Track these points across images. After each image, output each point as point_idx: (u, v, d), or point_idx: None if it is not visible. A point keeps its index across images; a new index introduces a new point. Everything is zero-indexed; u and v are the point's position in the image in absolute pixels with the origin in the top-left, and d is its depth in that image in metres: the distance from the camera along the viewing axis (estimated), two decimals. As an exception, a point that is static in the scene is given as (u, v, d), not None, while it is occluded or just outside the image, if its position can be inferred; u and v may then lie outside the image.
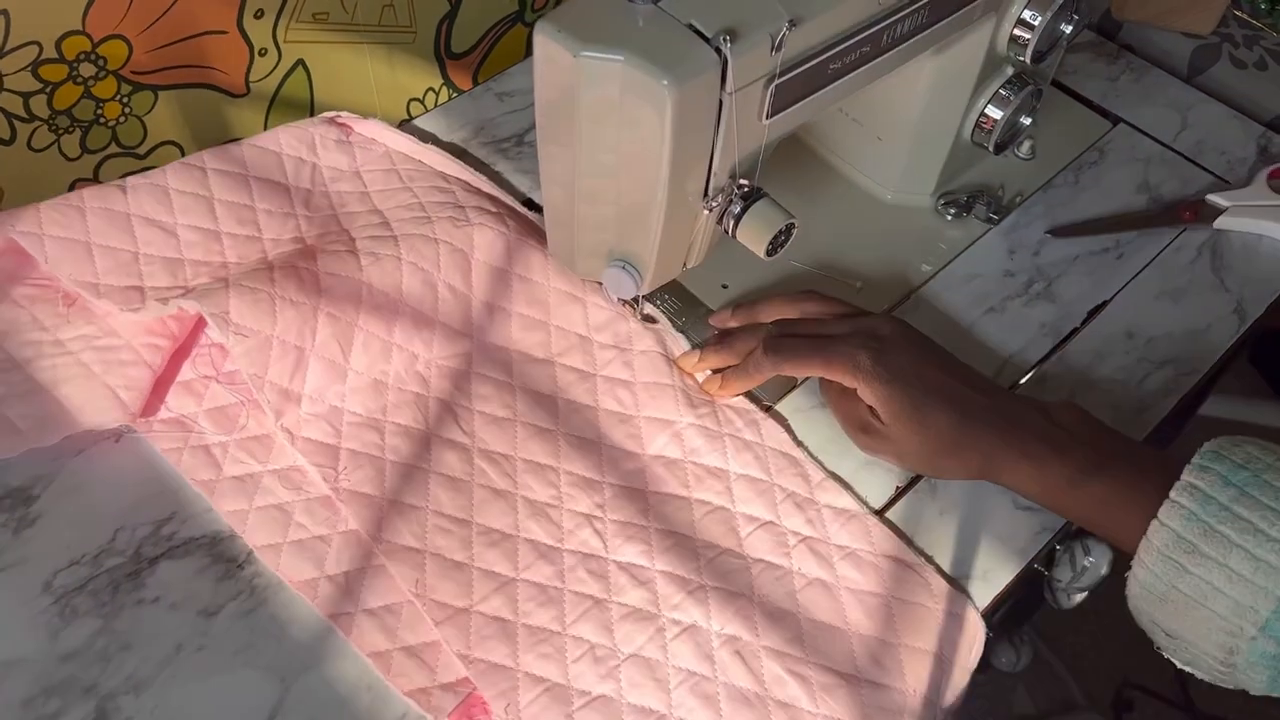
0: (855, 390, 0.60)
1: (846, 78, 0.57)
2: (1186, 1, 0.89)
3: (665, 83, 0.49)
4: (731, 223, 0.58)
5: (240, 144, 0.71)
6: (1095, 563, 0.65)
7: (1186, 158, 0.79)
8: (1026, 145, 0.78)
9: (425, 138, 0.78)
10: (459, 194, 0.71)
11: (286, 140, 0.72)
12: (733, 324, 0.67)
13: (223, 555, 0.58)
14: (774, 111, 0.54)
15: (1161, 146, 0.80)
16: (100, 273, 0.64)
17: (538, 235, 0.69)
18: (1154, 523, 0.51)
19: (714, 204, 0.57)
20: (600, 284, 0.65)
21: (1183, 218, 0.75)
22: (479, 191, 0.72)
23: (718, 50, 0.50)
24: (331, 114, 0.76)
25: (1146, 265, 0.73)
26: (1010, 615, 0.60)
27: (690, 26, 0.50)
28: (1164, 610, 0.52)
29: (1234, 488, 0.50)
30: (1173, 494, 0.51)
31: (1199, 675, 0.54)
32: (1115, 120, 0.82)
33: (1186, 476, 0.51)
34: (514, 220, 0.70)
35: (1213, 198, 0.75)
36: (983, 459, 0.58)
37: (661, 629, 0.56)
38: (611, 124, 0.52)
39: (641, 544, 0.58)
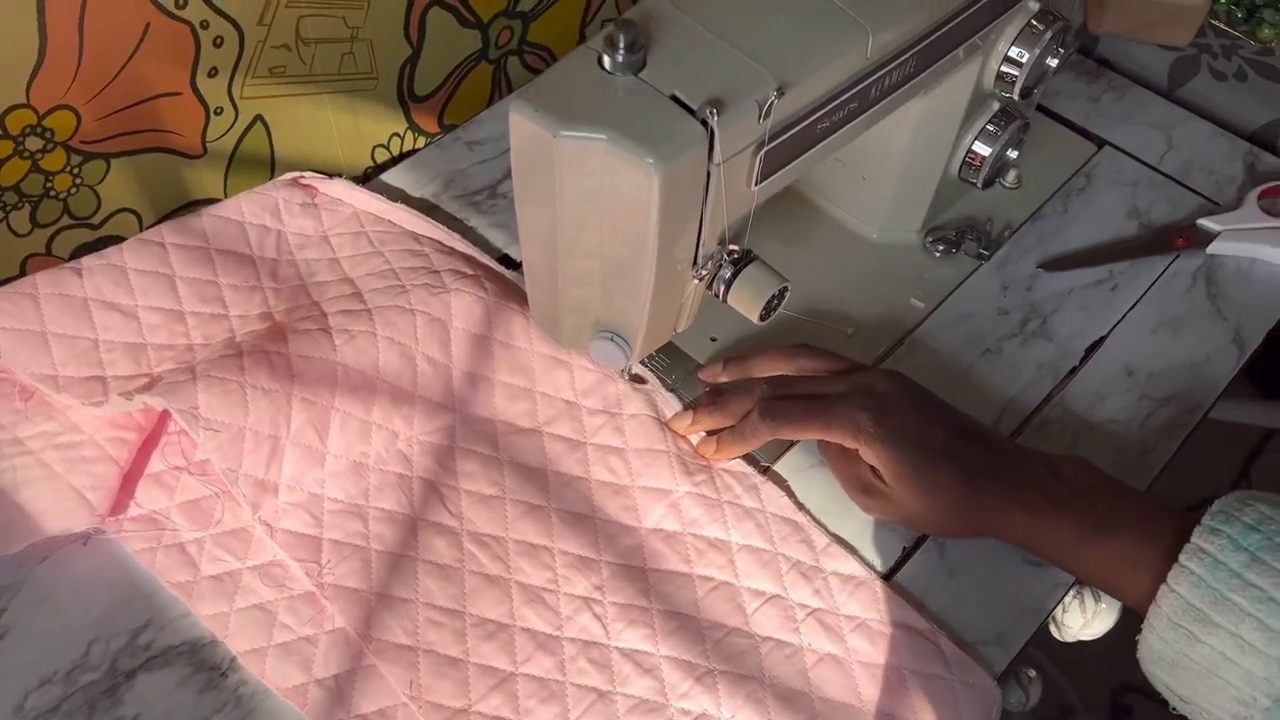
0: (856, 451, 0.58)
1: (837, 134, 0.55)
2: (1163, 14, 0.87)
3: (650, 161, 0.46)
4: (722, 288, 0.56)
5: (200, 214, 0.68)
6: (1106, 609, 0.64)
7: (1174, 179, 0.78)
8: (1012, 174, 0.76)
9: (394, 193, 0.75)
10: (432, 256, 0.68)
11: (249, 208, 0.69)
12: (724, 379, 0.65)
13: (204, 663, 0.55)
14: (763, 177, 0.52)
15: (1148, 169, 0.79)
16: (58, 363, 0.61)
17: (517, 296, 0.67)
18: (1163, 588, 0.50)
19: (703, 272, 0.55)
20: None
21: (1175, 244, 0.73)
22: (453, 252, 0.69)
23: (703, 123, 0.47)
24: (294, 175, 0.72)
25: (1141, 296, 0.71)
26: (1016, 657, 0.59)
27: (673, 98, 0.47)
28: (1175, 676, 0.50)
29: (1245, 552, 0.48)
30: (1182, 558, 0.49)
31: None
32: (1100, 143, 0.80)
33: (1196, 540, 0.49)
34: (492, 282, 0.67)
35: (1204, 222, 0.74)
36: (988, 518, 0.56)
37: (671, 719, 0.54)
38: (595, 202, 0.49)
39: (644, 628, 0.56)
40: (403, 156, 0.86)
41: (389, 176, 0.77)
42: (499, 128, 0.80)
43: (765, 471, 0.63)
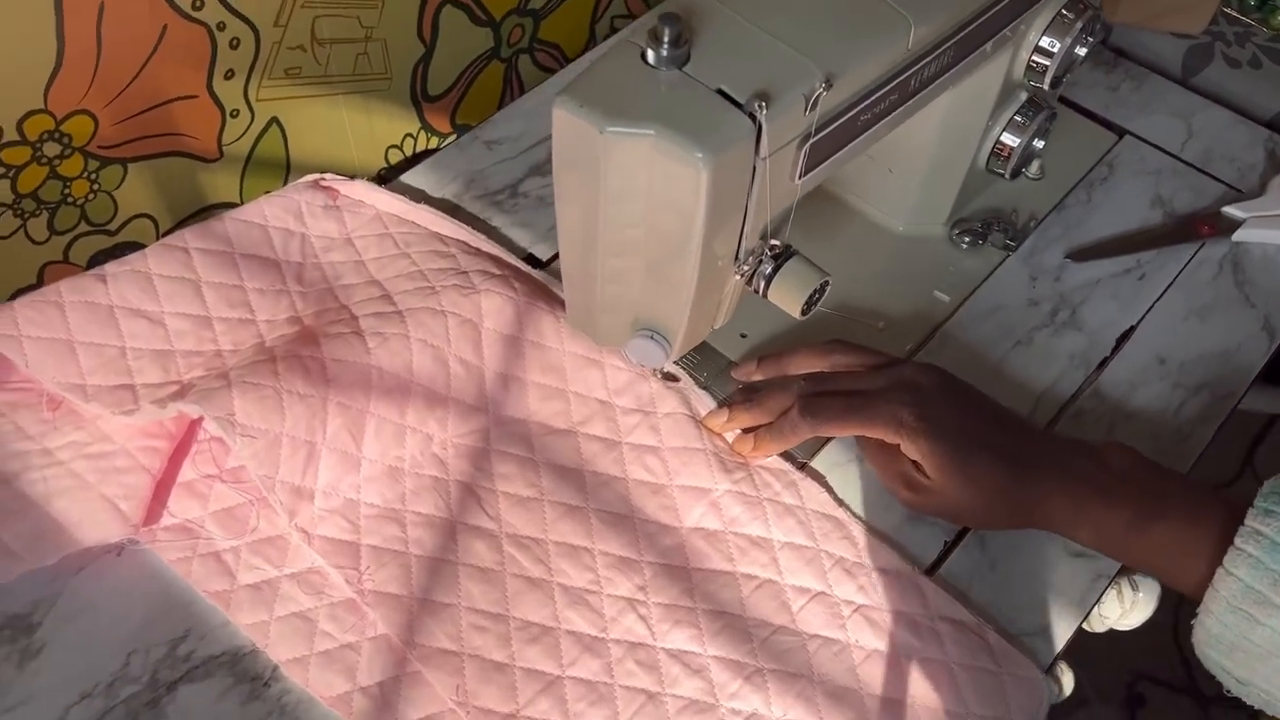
0: (897, 446, 0.57)
1: (876, 127, 0.55)
2: (1177, 2, 0.87)
3: (700, 155, 0.46)
4: (762, 283, 0.55)
5: (223, 219, 0.67)
6: (1144, 598, 0.64)
7: (1196, 168, 0.78)
8: (1035, 165, 0.76)
9: (415, 194, 0.74)
10: (460, 257, 0.67)
11: (271, 211, 0.68)
12: (758, 377, 0.64)
13: (246, 674, 0.54)
14: (807, 170, 0.51)
15: (1170, 158, 0.78)
16: (86, 372, 0.60)
17: (546, 296, 0.66)
18: (1219, 572, 0.49)
19: (745, 267, 0.54)
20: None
21: (1200, 232, 0.73)
22: (480, 253, 0.68)
23: (751, 116, 0.46)
24: (314, 176, 0.72)
25: (1170, 285, 0.71)
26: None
27: (720, 92, 0.47)
28: (1234, 659, 0.50)
29: None
30: (1238, 541, 0.49)
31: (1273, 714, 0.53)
32: (1121, 132, 0.80)
33: (1251, 522, 0.49)
34: (520, 282, 0.66)
35: (1229, 210, 0.74)
36: (1035, 509, 0.56)
37: (722, 719, 0.53)
38: (640, 197, 0.49)
39: (690, 628, 0.56)
40: (417, 157, 0.85)
41: (409, 177, 0.76)
42: (517, 127, 0.79)
43: (803, 468, 0.62)
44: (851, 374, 0.61)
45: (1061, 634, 0.57)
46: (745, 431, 0.62)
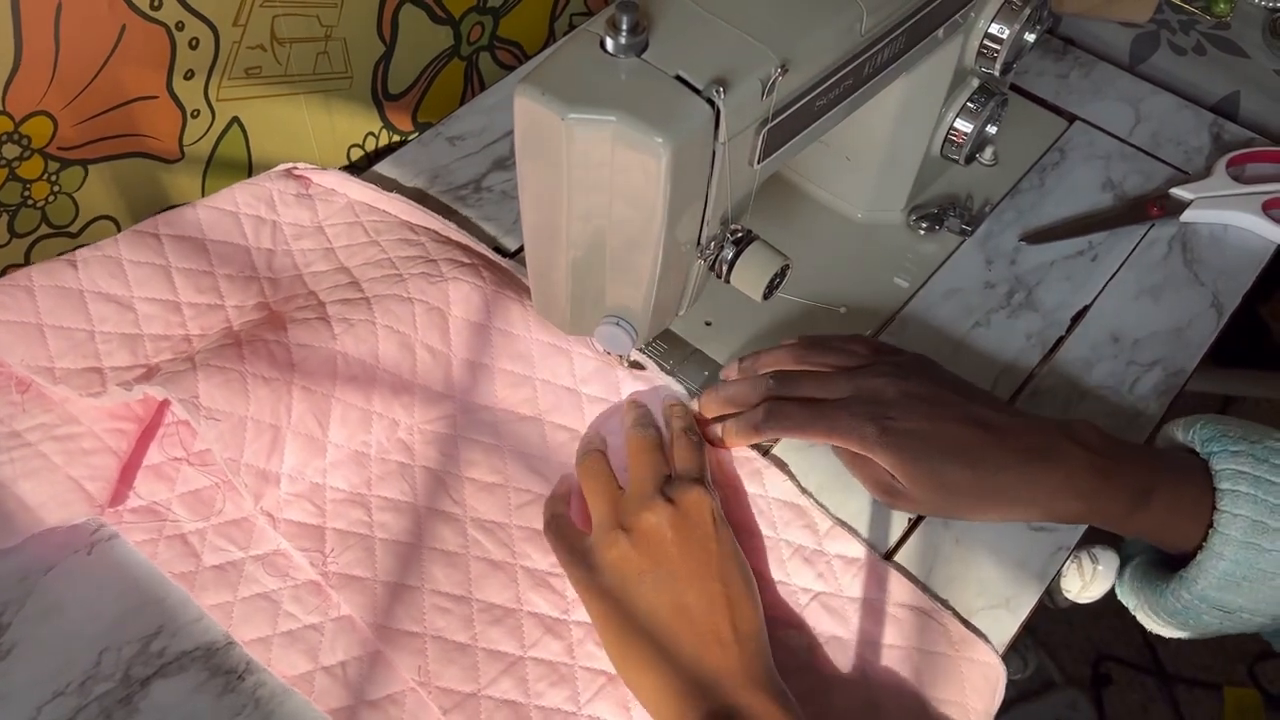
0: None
1: (831, 112, 0.56)
2: (1123, -9, 0.89)
3: (660, 140, 0.46)
4: (725, 268, 0.56)
5: (195, 206, 0.68)
6: (1104, 570, 0.65)
7: (1145, 151, 0.80)
8: (989, 151, 0.77)
9: (388, 183, 0.75)
10: (429, 245, 0.68)
11: (243, 199, 0.69)
12: (741, 378, 0.63)
13: (220, 667, 0.54)
14: (765, 155, 0.52)
15: (1120, 142, 0.80)
16: (55, 355, 0.60)
17: (514, 285, 0.67)
18: (1224, 516, 0.53)
19: (707, 252, 0.55)
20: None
21: (1150, 213, 0.75)
22: (449, 241, 0.69)
23: (709, 101, 0.47)
24: (288, 166, 0.72)
25: (1121, 265, 0.73)
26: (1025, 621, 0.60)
27: (678, 78, 0.48)
28: (1239, 590, 0.53)
29: (1264, 462, 0.53)
30: (1227, 484, 0.53)
31: (1238, 633, 0.57)
32: (1071, 118, 0.82)
33: (1227, 464, 0.53)
34: (489, 270, 0.67)
35: (1177, 191, 0.76)
36: (1027, 505, 0.56)
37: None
38: (603, 184, 0.49)
39: None
40: (378, 155, 0.85)
41: (371, 174, 0.76)
42: (480, 122, 0.80)
43: (766, 454, 0.63)
44: (818, 377, 0.60)
45: (1024, 605, 0.59)
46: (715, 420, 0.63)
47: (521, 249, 0.71)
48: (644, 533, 0.54)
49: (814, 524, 0.60)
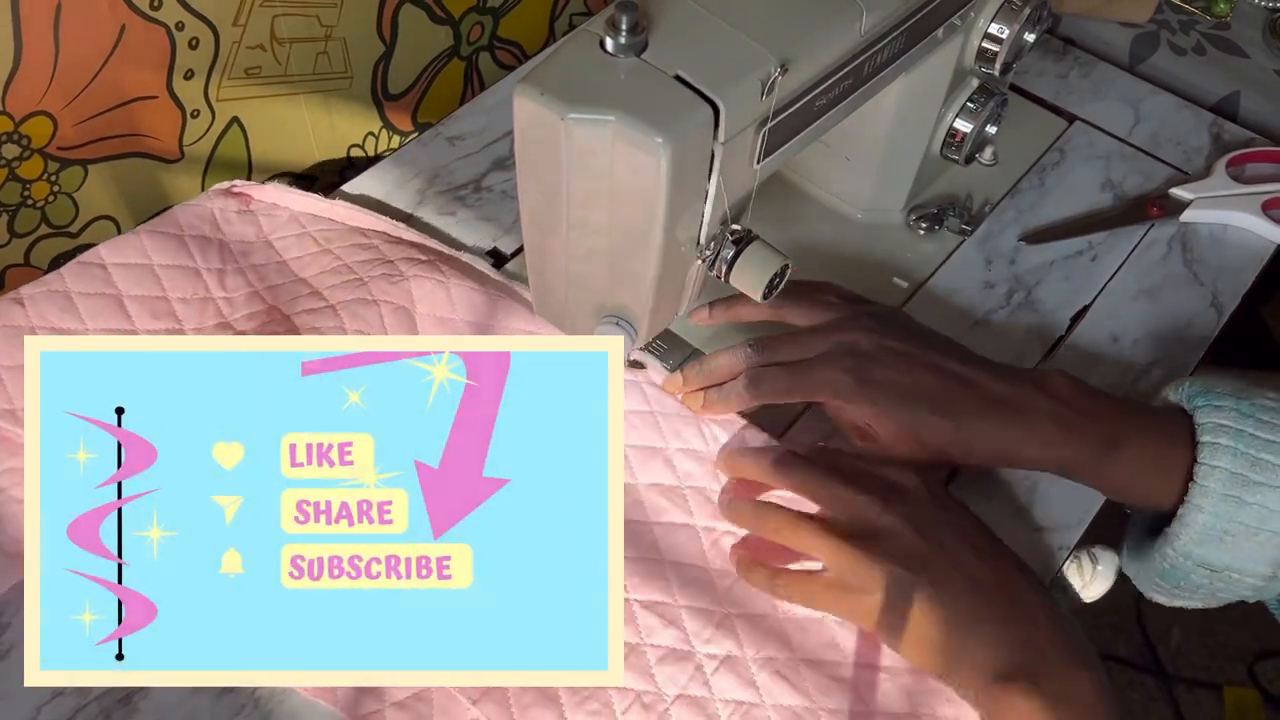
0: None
1: (831, 112, 0.56)
2: (1123, -9, 0.89)
3: (660, 140, 0.46)
4: (724, 268, 0.56)
5: (137, 232, 0.67)
6: (1104, 570, 0.65)
7: (1145, 151, 0.80)
8: (989, 151, 0.77)
9: (377, 189, 0.75)
10: (382, 247, 0.68)
11: (185, 220, 0.69)
12: (711, 323, 0.66)
13: (220, 667, 0.54)
14: (765, 154, 0.52)
15: (1119, 142, 0.80)
16: (13, 396, 0.60)
17: (475, 276, 0.67)
18: (1203, 469, 0.53)
19: (707, 252, 0.55)
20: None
21: (1150, 213, 0.75)
22: (402, 241, 0.69)
23: (709, 101, 0.47)
24: (225, 185, 0.72)
25: (1121, 265, 0.73)
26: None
27: (677, 78, 0.48)
28: (1221, 546, 0.53)
29: (1249, 417, 0.52)
30: (1208, 437, 0.53)
31: (1224, 601, 0.57)
32: (1071, 118, 0.82)
33: (1210, 418, 0.53)
34: (446, 265, 0.67)
35: (1177, 191, 0.76)
36: (999, 452, 0.57)
37: (700, 666, 0.55)
38: (602, 183, 0.49)
39: (659, 580, 0.57)
40: (379, 156, 0.86)
41: (371, 174, 0.76)
42: (479, 122, 0.80)
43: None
44: (794, 340, 0.61)
45: (1024, 605, 0.58)
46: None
47: (521, 249, 0.71)
48: (897, 533, 0.53)
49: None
